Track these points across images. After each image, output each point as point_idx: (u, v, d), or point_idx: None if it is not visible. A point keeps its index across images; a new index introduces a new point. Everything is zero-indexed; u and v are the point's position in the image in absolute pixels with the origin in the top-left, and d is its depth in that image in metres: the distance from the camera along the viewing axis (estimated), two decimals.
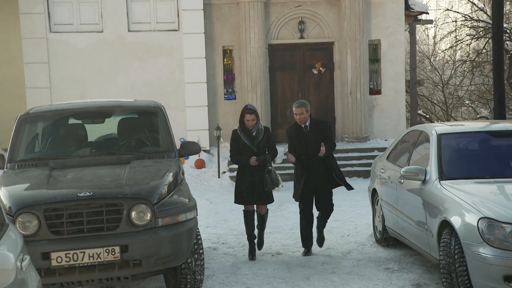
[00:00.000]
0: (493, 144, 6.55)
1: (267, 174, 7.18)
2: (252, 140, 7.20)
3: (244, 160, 7.17)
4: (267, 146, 7.31)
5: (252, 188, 7.22)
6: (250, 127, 7.18)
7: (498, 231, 5.00)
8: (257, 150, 7.21)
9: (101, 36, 15.10)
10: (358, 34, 15.57)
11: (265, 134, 7.26)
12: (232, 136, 7.34)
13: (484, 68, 24.03)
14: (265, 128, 7.34)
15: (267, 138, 7.28)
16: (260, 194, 7.23)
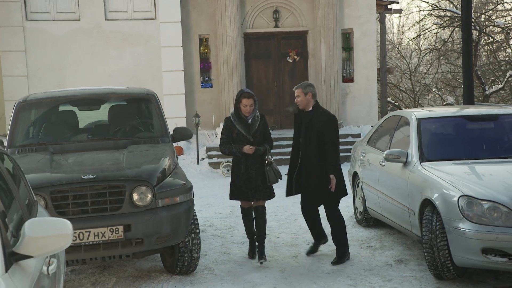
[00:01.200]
0: (469, 127, 6.97)
1: (269, 166, 6.50)
2: (247, 129, 6.47)
3: (235, 149, 6.44)
4: (264, 136, 6.60)
5: (249, 182, 6.50)
6: (247, 114, 6.46)
7: (477, 208, 5.40)
8: (253, 140, 6.48)
9: (78, 25, 15.18)
10: (332, 23, 15.93)
11: (261, 122, 6.57)
12: (225, 123, 6.59)
13: (450, 57, 24.68)
14: (261, 116, 6.63)
15: (264, 127, 6.59)
16: (258, 189, 6.53)
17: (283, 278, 6.09)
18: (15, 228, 2.85)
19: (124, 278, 6.11)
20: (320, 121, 6.45)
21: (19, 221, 2.99)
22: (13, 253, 2.53)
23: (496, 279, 5.80)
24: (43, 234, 2.54)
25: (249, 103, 6.43)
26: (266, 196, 6.61)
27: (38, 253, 2.56)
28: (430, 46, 25.12)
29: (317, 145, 6.43)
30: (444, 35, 26.53)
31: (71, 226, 2.64)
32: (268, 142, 6.64)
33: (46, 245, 2.56)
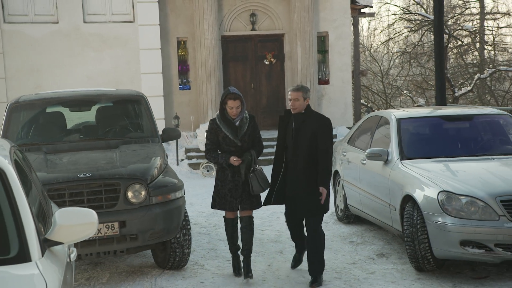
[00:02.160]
0: (445, 127, 7.31)
1: (252, 174, 5.89)
2: (235, 132, 5.91)
3: (222, 159, 5.90)
4: (253, 139, 6.03)
5: (236, 191, 5.94)
6: (234, 116, 5.90)
7: (455, 202, 5.73)
8: (241, 144, 5.91)
9: (57, 27, 15.24)
10: (307, 26, 16.25)
11: (250, 124, 5.98)
12: (210, 127, 6.02)
13: (421, 59, 25.24)
14: (250, 117, 6.03)
15: (253, 129, 6.00)
16: (245, 197, 5.98)
17: (270, 271, 6.33)
18: (41, 218, 3.05)
19: (117, 274, 6.29)
20: (314, 124, 5.85)
21: (42, 212, 3.20)
22: (46, 239, 2.74)
23: (472, 270, 6.12)
24: (72, 222, 2.76)
25: (236, 105, 5.84)
26: (254, 205, 6.03)
27: (68, 240, 2.77)
28: (401, 49, 25.64)
29: (308, 151, 5.83)
30: (413, 38, 27.14)
31: (97, 215, 2.86)
32: (257, 147, 6.06)
33: (75, 233, 2.77)
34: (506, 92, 23.72)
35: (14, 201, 2.70)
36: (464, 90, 22.26)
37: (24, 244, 2.60)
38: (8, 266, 2.51)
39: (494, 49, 25.78)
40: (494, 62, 24.62)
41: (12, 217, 2.66)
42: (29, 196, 2.91)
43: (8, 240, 2.62)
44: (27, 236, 2.62)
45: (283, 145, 6.02)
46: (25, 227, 2.65)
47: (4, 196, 2.70)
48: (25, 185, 2.95)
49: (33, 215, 2.74)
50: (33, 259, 2.58)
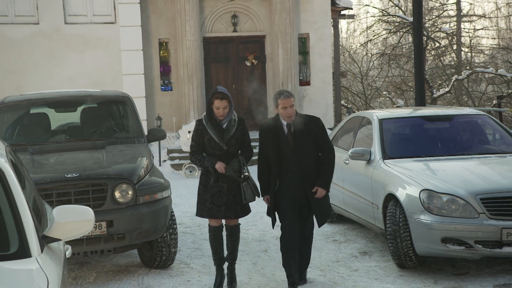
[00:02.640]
0: (426, 127, 7.47)
1: (245, 182, 5.53)
2: (221, 135, 5.56)
3: (208, 162, 5.56)
4: (241, 144, 5.68)
5: (220, 197, 5.59)
6: (221, 117, 5.56)
7: (437, 201, 5.87)
8: (227, 148, 5.57)
9: (37, 28, 15.19)
10: (289, 28, 16.37)
11: (238, 127, 5.63)
12: (195, 127, 5.72)
13: (400, 61, 25.54)
14: (239, 120, 5.69)
15: (241, 133, 5.65)
16: (230, 205, 5.62)
17: (256, 270, 6.43)
18: (37, 215, 3.11)
19: (104, 273, 6.34)
20: (312, 127, 5.64)
21: (37, 209, 3.26)
22: (44, 236, 2.80)
23: (453, 267, 6.27)
24: (69, 219, 2.83)
25: (222, 105, 5.52)
26: (238, 213, 5.69)
27: (65, 236, 2.84)
28: (380, 51, 25.92)
29: (315, 155, 5.67)
30: (392, 40, 27.45)
31: (93, 213, 2.93)
32: (246, 152, 5.70)
33: (72, 229, 2.84)
34: (482, 93, 24.08)
35: (12, 199, 2.76)
36: (442, 91, 22.57)
37: (24, 240, 2.67)
38: (9, 261, 2.58)
39: (470, 51, 26.18)
40: (471, 63, 25.01)
41: (11, 215, 2.72)
42: (25, 194, 2.97)
43: (8, 237, 2.69)
44: (26, 232, 2.69)
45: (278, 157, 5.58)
46: (25, 224, 2.71)
47: (3, 194, 2.76)
48: (21, 184, 3.01)
49: (31, 213, 2.80)
50: (33, 255, 2.65)
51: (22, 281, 2.48)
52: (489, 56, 26.48)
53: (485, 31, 29.23)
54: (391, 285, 5.80)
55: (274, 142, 5.58)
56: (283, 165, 5.60)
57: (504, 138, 7.46)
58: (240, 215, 5.74)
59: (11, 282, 2.44)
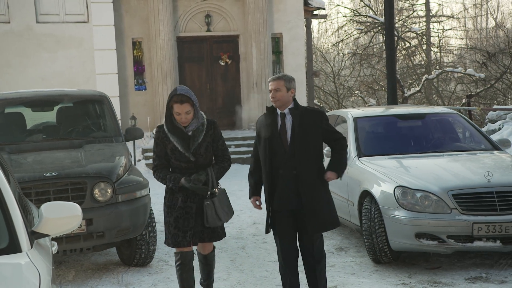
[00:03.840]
0: (400, 125, 7.63)
1: (209, 201, 4.61)
2: (186, 144, 4.62)
3: (169, 182, 4.64)
4: (214, 153, 4.77)
5: (186, 220, 4.67)
6: (184, 124, 4.62)
7: (411, 197, 6.02)
8: (196, 159, 4.63)
9: (8, 27, 15.05)
10: (262, 27, 16.48)
11: (208, 132, 4.68)
12: (156, 136, 4.76)
13: (371, 61, 25.84)
14: (209, 123, 4.71)
15: (213, 139, 4.71)
16: (199, 229, 4.74)
17: (234, 266, 6.50)
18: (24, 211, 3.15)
19: (82, 271, 6.36)
20: (315, 119, 4.88)
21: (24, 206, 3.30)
22: (33, 232, 2.85)
23: (426, 261, 6.43)
24: (57, 215, 2.88)
25: (184, 110, 4.53)
26: (213, 237, 4.81)
27: (54, 232, 2.89)
28: (351, 51, 26.18)
29: (318, 151, 4.93)
30: (363, 40, 27.76)
31: (81, 209, 2.99)
32: (220, 162, 4.78)
33: (60, 225, 2.89)
34: (452, 92, 24.50)
35: (1, 195, 2.80)
36: (413, 91, 22.91)
37: (14, 236, 2.71)
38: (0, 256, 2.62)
39: (440, 50, 26.60)
40: (440, 63, 25.41)
41: (0, 211, 2.76)
42: (12, 191, 3.01)
43: None
44: (16, 228, 2.73)
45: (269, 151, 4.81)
46: (14, 220, 2.76)
47: None
48: (7, 181, 3.04)
49: (20, 209, 2.84)
50: (23, 250, 2.69)
51: (14, 275, 2.52)
52: (458, 56, 26.95)
53: (453, 31, 29.76)
54: (367, 279, 5.93)
55: (266, 133, 4.82)
56: (275, 160, 4.80)
57: (474, 136, 7.66)
58: (216, 239, 4.82)
59: (3, 276, 2.49)
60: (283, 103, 4.83)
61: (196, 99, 4.65)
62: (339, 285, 5.78)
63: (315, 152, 4.89)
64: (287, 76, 4.87)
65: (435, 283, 5.73)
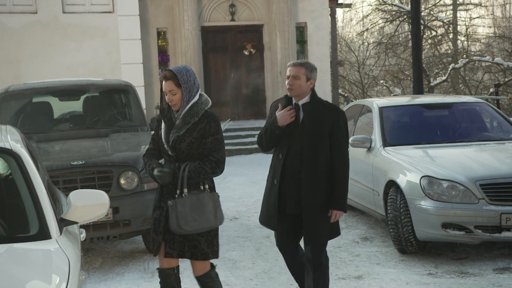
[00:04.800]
0: (426, 115, 7.56)
1: (172, 201, 3.83)
2: (168, 133, 3.94)
3: (147, 167, 4.02)
4: (205, 150, 3.89)
5: (159, 222, 3.95)
6: (174, 108, 3.92)
7: (437, 187, 5.96)
8: (175, 154, 3.90)
9: (35, 17, 15.20)
10: (286, 17, 16.41)
11: (198, 125, 3.87)
12: (157, 118, 4.20)
13: (396, 50, 25.60)
14: (204, 116, 3.90)
15: (202, 135, 3.87)
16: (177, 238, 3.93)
17: (259, 255, 6.52)
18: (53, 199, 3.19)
19: (109, 259, 6.43)
20: (328, 118, 4.29)
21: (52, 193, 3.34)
22: (62, 219, 2.89)
23: (453, 251, 6.38)
24: (86, 203, 2.91)
25: (168, 89, 3.86)
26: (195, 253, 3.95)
27: (82, 219, 2.93)
28: (376, 40, 25.96)
29: (324, 153, 4.30)
30: (389, 29, 27.51)
31: (108, 197, 3.02)
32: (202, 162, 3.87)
33: (88, 213, 2.93)
34: (479, 82, 24.18)
35: (31, 184, 2.84)
36: (439, 80, 22.66)
37: (43, 223, 2.75)
38: (30, 242, 2.66)
39: (467, 39, 26.25)
40: (467, 52, 25.09)
41: (30, 198, 2.80)
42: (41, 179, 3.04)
43: (28, 219, 2.77)
44: (45, 215, 2.77)
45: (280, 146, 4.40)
46: (43, 207, 2.79)
47: (22, 179, 2.84)
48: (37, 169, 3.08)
49: (49, 196, 2.88)
50: (52, 236, 2.73)
51: (45, 261, 2.56)
52: (485, 45, 26.55)
53: (481, 19, 29.32)
54: (392, 269, 5.90)
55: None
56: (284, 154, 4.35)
57: (502, 125, 7.56)
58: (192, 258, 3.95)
59: (34, 262, 2.53)
60: (298, 94, 4.31)
61: (189, 79, 3.85)
62: (364, 275, 5.76)
63: (324, 155, 4.30)
64: (310, 65, 4.34)
65: (462, 273, 5.69)
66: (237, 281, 5.70)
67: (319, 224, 4.35)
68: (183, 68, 3.91)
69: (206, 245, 3.92)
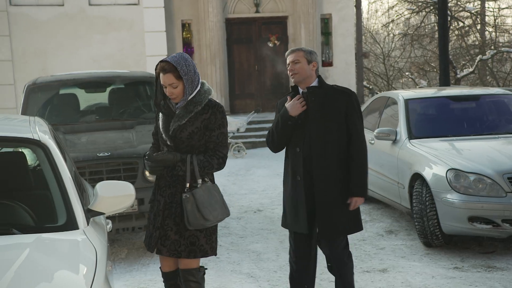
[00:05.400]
0: (452, 107, 7.47)
1: (188, 194, 3.58)
2: (167, 122, 3.73)
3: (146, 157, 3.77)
4: (206, 144, 3.70)
5: (155, 217, 3.74)
6: (174, 100, 3.69)
7: (464, 180, 5.90)
8: (174, 145, 3.69)
9: (62, 10, 15.33)
10: (311, 8, 16.33)
11: (201, 116, 3.66)
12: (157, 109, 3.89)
13: (422, 41, 25.32)
14: (208, 106, 3.68)
15: (206, 126, 3.67)
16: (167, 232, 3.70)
17: (283, 248, 6.52)
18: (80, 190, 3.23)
19: (135, 250, 6.49)
20: (339, 100, 4.05)
21: (79, 184, 3.38)
22: (89, 210, 2.92)
23: (479, 245, 6.31)
24: (112, 194, 2.94)
25: (168, 82, 3.61)
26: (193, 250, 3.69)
27: (108, 210, 2.96)
28: (402, 31, 25.70)
29: (338, 140, 4.06)
30: (414, 20, 27.20)
31: (134, 188, 3.04)
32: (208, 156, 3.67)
33: (115, 204, 2.95)
34: (507, 73, 23.83)
35: (59, 175, 2.87)
36: (466, 72, 22.38)
37: (71, 213, 2.78)
38: (58, 233, 2.69)
39: (495, 30, 25.85)
40: (495, 43, 24.71)
41: (58, 189, 2.83)
42: (69, 170, 3.08)
43: (55, 210, 2.81)
44: (73, 206, 2.80)
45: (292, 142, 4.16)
46: (71, 198, 2.83)
47: (50, 170, 2.88)
48: (64, 160, 3.12)
49: (76, 187, 2.91)
50: (80, 227, 2.76)
51: (72, 251, 2.59)
52: None
53: (510, 10, 28.81)
54: (417, 263, 5.86)
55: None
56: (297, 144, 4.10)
57: None
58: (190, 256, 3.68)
59: (61, 252, 2.56)
60: (303, 77, 4.08)
61: (190, 70, 3.60)
62: (389, 268, 5.73)
63: (340, 142, 4.05)
64: (307, 48, 4.16)
65: (489, 267, 5.63)
66: (261, 273, 5.71)
67: (334, 219, 4.07)
68: (181, 57, 3.62)
69: (205, 241, 3.70)
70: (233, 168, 11.96)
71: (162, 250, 3.68)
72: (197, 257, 3.68)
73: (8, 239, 2.61)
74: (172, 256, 3.69)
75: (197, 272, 3.76)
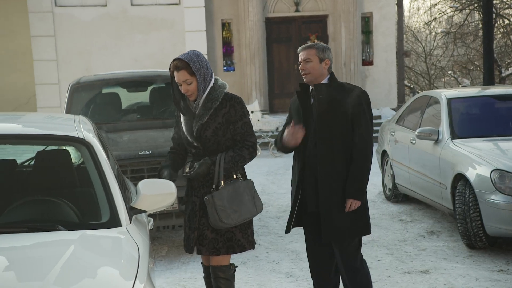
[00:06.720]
0: (496, 106, 7.32)
1: (208, 197, 3.63)
2: (190, 124, 3.74)
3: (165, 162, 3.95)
4: (233, 137, 3.71)
5: (193, 218, 3.80)
6: (190, 98, 3.70)
7: (509, 181, 5.77)
8: (202, 145, 3.71)
9: (105, 10, 15.58)
10: (352, 7, 16.22)
11: (221, 110, 3.67)
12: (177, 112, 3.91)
13: (466, 39, 24.91)
14: (226, 99, 3.71)
15: (227, 119, 3.68)
16: (204, 231, 3.73)
17: None
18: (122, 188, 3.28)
19: (175, 247, 6.55)
20: (345, 100, 3.95)
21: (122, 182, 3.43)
22: (131, 207, 2.96)
23: None
24: (154, 192, 2.97)
25: (182, 79, 3.60)
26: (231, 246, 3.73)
27: (150, 208, 3.00)
28: (445, 30, 25.32)
29: (343, 140, 3.96)
30: (457, 18, 26.77)
31: (175, 186, 3.07)
32: (237, 149, 3.68)
33: (156, 202, 2.99)
34: None
35: (102, 173, 2.92)
36: (510, 71, 21.93)
37: (114, 211, 2.83)
38: (102, 230, 2.74)
39: None
40: None
41: (102, 187, 2.88)
42: (112, 168, 3.13)
43: (99, 207, 2.85)
44: (116, 204, 2.85)
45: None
46: (114, 196, 2.87)
47: (94, 168, 2.93)
48: (107, 158, 3.16)
49: (119, 185, 2.95)
50: (122, 224, 2.80)
51: (115, 247, 2.63)
52: None
53: None
54: (460, 264, 5.76)
55: (294, 113, 4.12)
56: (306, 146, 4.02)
57: None
58: (221, 251, 3.70)
59: (104, 249, 2.60)
60: (314, 77, 3.99)
61: (202, 66, 3.61)
62: (430, 269, 5.65)
63: (344, 143, 3.96)
64: (320, 45, 4.05)
65: None
66: (300, 272, 5.70)
67: (336, 220, 3.95)
68: (193, 54, 3.64)
69: (241, 236, 3.73)
70: (272, 167, 11.96)
71: (201, 250, 3.73)
72: (236, 252, 3.73)
73: (54, 236, 2.67)
74: (211, 255, 3.72)
75: (228, 269, 3.79)
